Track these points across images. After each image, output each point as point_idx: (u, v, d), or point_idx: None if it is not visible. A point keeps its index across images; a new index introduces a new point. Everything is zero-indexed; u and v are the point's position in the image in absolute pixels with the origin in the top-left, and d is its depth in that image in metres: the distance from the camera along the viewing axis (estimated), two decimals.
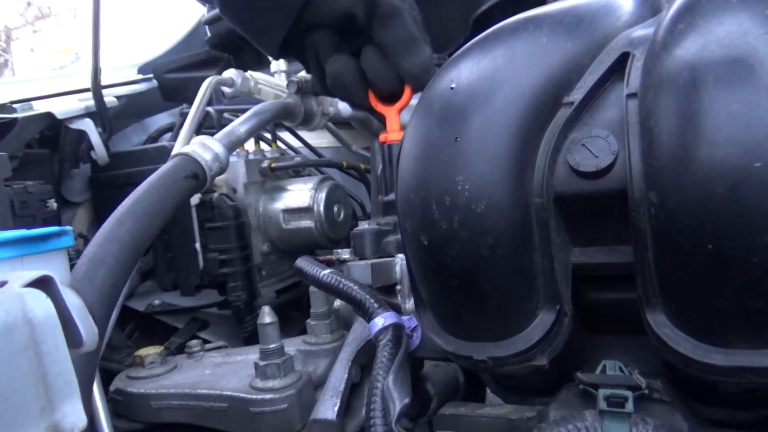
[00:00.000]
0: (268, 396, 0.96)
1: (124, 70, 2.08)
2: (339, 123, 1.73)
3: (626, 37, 0.65)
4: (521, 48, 0.65)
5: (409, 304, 0.91)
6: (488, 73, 0.65)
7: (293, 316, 1.54)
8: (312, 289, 1.06)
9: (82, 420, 0.46)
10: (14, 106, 1.49)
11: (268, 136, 1.66)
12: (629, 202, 0.57)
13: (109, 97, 1.69)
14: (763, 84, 0.50)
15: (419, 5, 1.80)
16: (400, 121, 1.13)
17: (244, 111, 1.24)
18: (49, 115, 1.48)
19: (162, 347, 1.25)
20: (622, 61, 0.63)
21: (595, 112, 0.63)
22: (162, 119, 2.03)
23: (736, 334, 0.55)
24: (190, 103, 1.40)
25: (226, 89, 1.34)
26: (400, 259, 0.94)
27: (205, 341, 1.35)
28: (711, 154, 0.51)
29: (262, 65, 1.55)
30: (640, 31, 0.65)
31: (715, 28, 0.53)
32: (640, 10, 0.68)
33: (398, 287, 0.94)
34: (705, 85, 0.52)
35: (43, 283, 0.46)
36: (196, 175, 0.96)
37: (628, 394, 0.62)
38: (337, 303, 1.11)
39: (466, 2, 1.69)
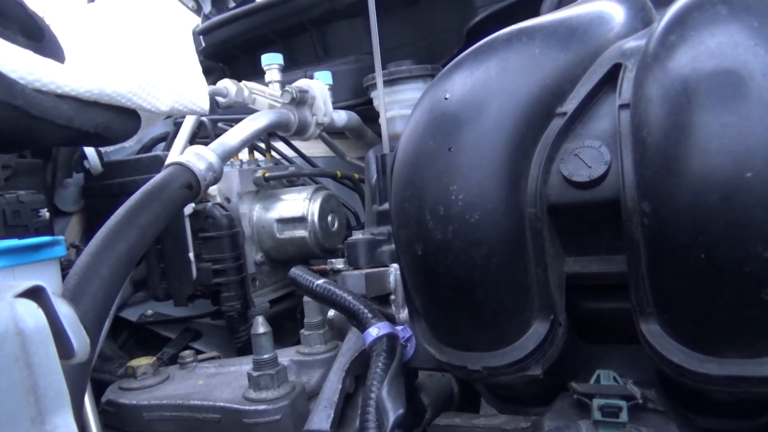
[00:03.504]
0: (262, 407, 0.95)
1: None
2: (333, 133, 1.74)
3: (618, 48, 0.65)
4: (514, 59, 0.66)
5: (404, 314, 0.91)
6: (482, 83, 0.66)
7: (287, 326, 1.54)
8: (306, 299, 1.05)
9: None
10: None
11: (263, 145, 1.66)
12: (622, 211, 0.57)
13: None
14: (753, 95, 0.50)
15: (414, 16, 1.83)
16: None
17: (238, 121, 1.24)
18: None
19: (154, 358, 1.24)
20: (614, 73, 0.63)
21: (587, 123, 0.63)
22: (156, 128, 2.03)
23: (730, 343, 0.55)
24: None
25: (220, 99, 1.34)
26: (394, 269, 0.94)
27: (198, 352, 1.34)
28: (703, 164, 0.51)
29: (257, 75, 1.55)
30: (632, 43, 0.65)
31: (706, 39, 0.54)
32: (632, 21, 0.69)
33: (392, 297, 0.93)
34: (696, 96, 0.52)
35: (34, 294, 0.45)
36: (190, 185, 0.96)
37: (623, 404, 0.62)
38: (331, 313, 1.11)
39: (459, 13, 1.70)
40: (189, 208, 1.37)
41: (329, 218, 1.47)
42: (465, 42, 1.65)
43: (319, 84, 1.48)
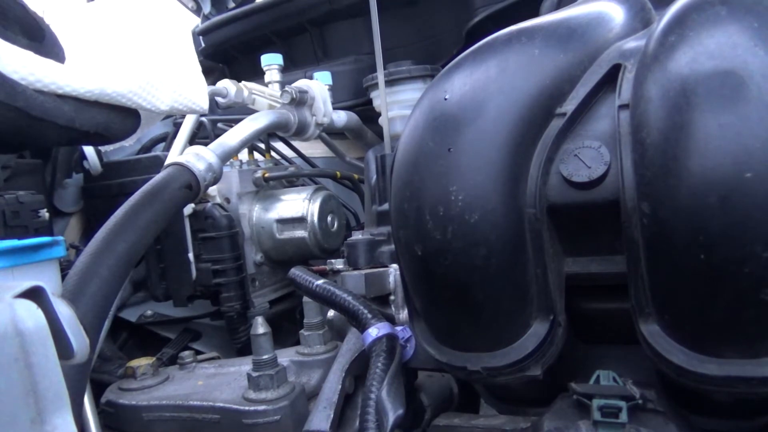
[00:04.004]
0: (261, 407, 0.95)
1: None
2: (333, 133, 1.74)
3: (618, 48, 0.65)
4: (514, 59, 0.66)
5: (403, 314, 0.91)
6: (481, 84, 0.66)
7: (286, 327, 1.54)
8: (305, 299, 1.05)
9: None
10: None
11: (262, 146, 1.66)
12: (621, 212, 0.57)
13: None
14: (752, 95, 0.50)
15: (414, 17, 1.83)
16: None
17: (238, 121, 1.24)
18: None
19: (154, 358, 1.24)
20: (613, 73, 0.63)
21: (587, 123, 0.63)
22: (155, 129, 2.03)
23: (729, 344, 0.55)
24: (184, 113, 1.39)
25: (220, 99, 1.34)
26: (393, 270, 0.94)
27: (198, 352, 1.34)
28: (702, 164, 0.51)
29: (257, 75, 1.55)
30: (632, 43, 0.65)
31: (706, 40, 0.54)
32: (632, 22, 0.69)
33: (392, 297, 0.93)
34: (695, 97, 0.52)
35: (34, 294, 0.45)
36: (190, 186, 0.96)
37: (622, 404, 0.62)
38: (331, 313, 1.10)
39: (459, 14, 1.70)
40: (189, 209, 1.37)
41: (329, 219, 1.47)
42: (465, 42, 1.65)
43: (318, 84, 1.48)
